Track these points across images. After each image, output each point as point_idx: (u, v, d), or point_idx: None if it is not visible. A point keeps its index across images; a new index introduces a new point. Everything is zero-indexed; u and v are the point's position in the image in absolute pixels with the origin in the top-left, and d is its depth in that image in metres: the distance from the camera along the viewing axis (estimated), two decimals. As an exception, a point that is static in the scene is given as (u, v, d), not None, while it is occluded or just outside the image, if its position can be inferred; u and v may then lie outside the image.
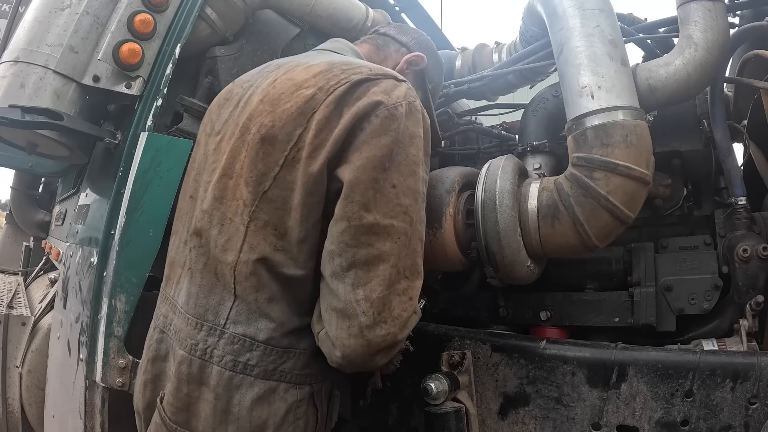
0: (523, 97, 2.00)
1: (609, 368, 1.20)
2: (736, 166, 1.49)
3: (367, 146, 1.04)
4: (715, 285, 1.41)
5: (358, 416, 1.54)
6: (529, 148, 1.57)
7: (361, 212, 1.02)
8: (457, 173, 1.47)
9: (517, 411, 1.29)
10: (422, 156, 1.11)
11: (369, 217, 1.02)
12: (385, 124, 1.05)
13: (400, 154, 1.06)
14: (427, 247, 1.42)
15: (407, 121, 1.07)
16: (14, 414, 2.19)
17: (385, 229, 1.03)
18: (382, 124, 1.05)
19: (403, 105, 1.08)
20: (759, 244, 1.35)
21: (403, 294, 1.04)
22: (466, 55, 2.21)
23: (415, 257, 1.08)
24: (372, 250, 1.02)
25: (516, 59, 1.82)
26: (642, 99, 1.34)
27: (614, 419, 1.19)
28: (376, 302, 1.01)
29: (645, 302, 1.43)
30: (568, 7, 1.39)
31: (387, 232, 1.03)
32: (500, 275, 1.39)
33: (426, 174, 1.13)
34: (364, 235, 1.02)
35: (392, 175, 1.05)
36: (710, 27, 1.33)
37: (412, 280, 1.07)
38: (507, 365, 1.32)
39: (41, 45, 1.43)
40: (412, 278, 1.07)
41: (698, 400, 1.12)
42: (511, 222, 1.32)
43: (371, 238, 1.02)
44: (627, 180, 1.24)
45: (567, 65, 1.36)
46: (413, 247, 1.07)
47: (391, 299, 1.02)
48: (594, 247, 1.31)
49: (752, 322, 1.32)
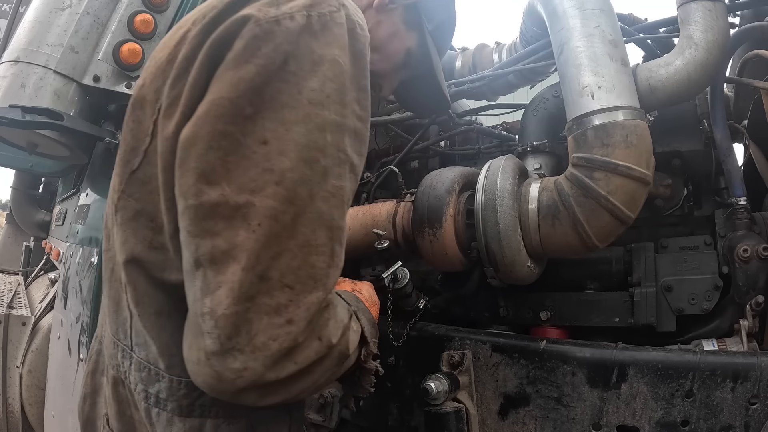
0: (523, 97, 2.00)
1: (609, 368, 1.20)
2: (736, 166, 1.49)
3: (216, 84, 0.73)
4: (716, 285, 1.41)
5: (358, 416, 1.54)
6: (529, 148, 1.57)
7: (199, 185, 0.71)
8: (458, 173, 1.47)
9: (517, 411, 1.29)
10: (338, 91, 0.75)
11: (212, 192, 0.70)
12: (251, 48, 0.72)
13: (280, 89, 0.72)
14: (427, 247, 1.43)
15: (306, 39, 0.74)
16: (14, 414, 2.19)
17: (237, 210, 0.70)
18: (246, 47, 0.72)
19: (297, 17, 0.74)
20: (759, 245, 1.35)
21: (276, 313, 0.69)
22: (467, 55, 2.21)
23: (306, 255, 0.72)
24: (218, 241, 0.70)
25: (516, 59, 1.82)
26: (642, 99, 1.34)
27: (614, 419, 1.19)
28: (222, 321, 0.68)
29: (645, 302, 1.43)
30: (569, 7, 1.39)
31: (242, 215, 0.69)
32: (500, 275, 1.39)
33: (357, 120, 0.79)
34: (206, 219, 0.71)
35: (260, 125, 0.71)
36: (710, 27, 1.33)
37: (297, 293, 0.71)
38: (507, 365, 1.32)
39: (42, 45, 1.43)
40: (300, 290, 0.71)
41: (698, 401, 1.12)
42: (512, 222, 1.32)
43: (217, 224, 0.70)
44: (627, 180, 1.24)
45: (567, 65, 1.36)
46: (301, 238, 0.71)
47: (251, 319, 0.68)
48: (594, 248, 1.31)
49: (752, 322, 1.32)
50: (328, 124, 0.74)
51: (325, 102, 0.74)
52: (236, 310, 0.68)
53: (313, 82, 0.74)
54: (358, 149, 0.80)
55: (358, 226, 1.55)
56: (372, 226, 1.52)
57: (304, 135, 0.72)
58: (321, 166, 0.74)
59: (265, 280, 0.69)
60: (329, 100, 0.75)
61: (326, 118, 0.74)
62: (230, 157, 0.71)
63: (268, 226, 0.70)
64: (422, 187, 1.47)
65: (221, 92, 0.72)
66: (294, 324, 0.71)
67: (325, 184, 0.74)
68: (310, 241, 0.73)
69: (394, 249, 1.51)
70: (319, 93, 0.74)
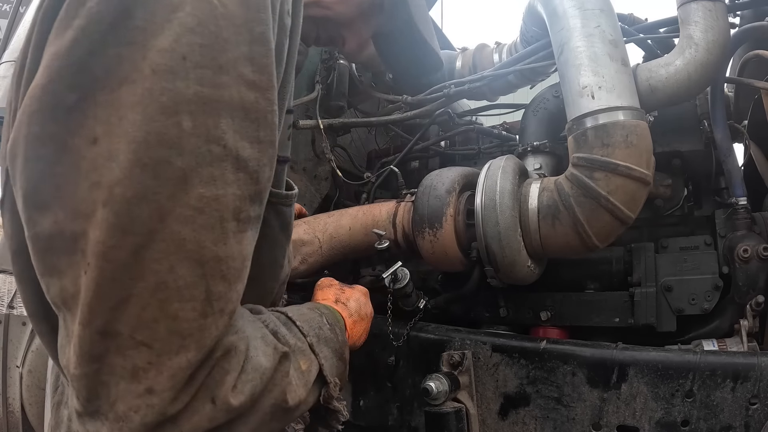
0: (523, 97, 2.00)
1: (609, 368, 1.20)
2: (736, 166, 1.49)
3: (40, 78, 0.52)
4: (716, 285, 1.41)
5: (358, 416, 1.54)
6: (529, 149, 1.57)
7: (31, 212, 0.53)
8: (458, 173, 1.47)
9: (518, 411, 1.29)
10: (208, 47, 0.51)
11: (43, 220, 0.52)
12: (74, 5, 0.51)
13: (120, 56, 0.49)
14: (427, 247, 1.43)
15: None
16: (14, 414, 2.19)
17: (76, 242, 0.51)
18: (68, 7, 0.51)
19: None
20: (759, 245, 1.35)
21: (134, 379, 0.53)
22: (467, 55, 2.20)
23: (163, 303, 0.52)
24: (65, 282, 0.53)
25: (516, 59, 1.81)
26: (642, 99, 1.34)
27: (614, 419, 1.18)
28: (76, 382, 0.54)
29: (645, 302, 1.43)
30: (569, 7, 1.39)
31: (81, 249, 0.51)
32: (500, 275, 1.38)
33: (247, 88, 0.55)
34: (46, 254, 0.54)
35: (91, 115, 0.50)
36: (711, 27, 1.33)
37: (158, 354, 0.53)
38: (507, 365, 1.32)
39: (42, 45, 1.43)
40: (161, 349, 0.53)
41: (698, 401, 1.11)
42: (512, 222, 1.32)
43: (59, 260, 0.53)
44: (627, 180, 1.24)
45: (567, 65, 1.36)
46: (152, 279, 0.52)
47: (107, 382, 0.53)
48: (594, 248, 1.31)
49: (752, 322, 1.32)
50: (185, 102, 0.50)
51: (179, 68, 0.50)
52: (85, 371, 0.53)
53: (162, 39, 0.49)
54: (250, 134, 0.55)
55: (358, 226, 1.55)
56: (372, 226, 1.52)
57: (140, 125, 0.49)
58: (174, 170, 0.50)
59: (110, 337, 0.52)
60: (186, 63, 0.50)
61: (180, 93, 0.50)
62: (57, 167, 0.50)
63: (98, 268, 0.50)
64: (422, 187, 1.47)
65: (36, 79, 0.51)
66: (155, 395, 0.54)
67: (184, 197, 0.51)
68: (166, 283, 0.52)
69: (394, 249, 1.51)
70: (170, 55, 0.49)
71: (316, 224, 1.59)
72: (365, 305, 1.04)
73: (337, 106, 2.06)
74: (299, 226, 1.57)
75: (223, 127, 0.53)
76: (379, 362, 1.48)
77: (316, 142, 2.08)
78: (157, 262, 0.51)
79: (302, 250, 1.53)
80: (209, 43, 0.51)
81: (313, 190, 2.10)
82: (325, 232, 1.56)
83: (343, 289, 1.03)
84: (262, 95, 0.56)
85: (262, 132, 0.56)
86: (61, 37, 0.50)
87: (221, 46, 0.52)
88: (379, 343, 1.49)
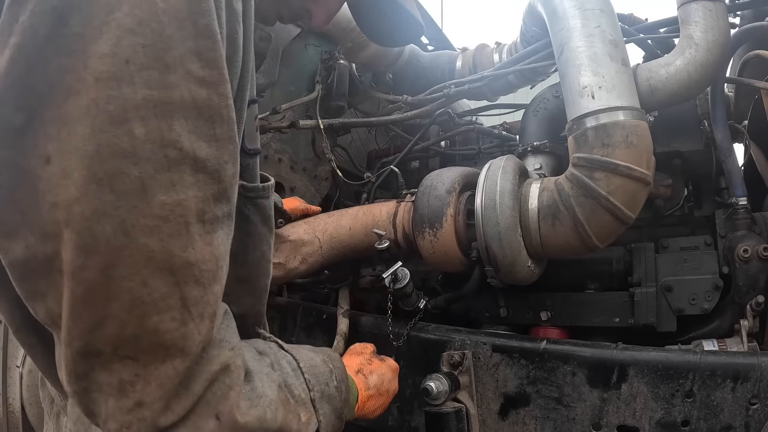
0: (523, 97, 2.00)
1: (609, 368, 1.20)
2: (736, 166, 1.49)
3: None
4: (716, 285, 1.41)
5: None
6: (529, 149, 1.57)
7: (1, 241, 0.52)
8: (458, 173, 1.47)
9: (518, 411, 1.29)
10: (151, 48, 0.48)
11: (15, 246, 0.51)
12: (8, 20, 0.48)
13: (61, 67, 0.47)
14: (427, 247, 1.43)
15: None
16: (14, 414, 2.19)
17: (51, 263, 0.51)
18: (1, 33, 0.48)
19: None
20: (759, 245, 1.35)
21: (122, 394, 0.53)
22: (467, 55, 2.21)
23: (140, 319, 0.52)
24: (49, 304, 0.53)
25: (516, 59, 1.81)
26: (643, 99, 1.34)
27: (615, 419, 1.18)
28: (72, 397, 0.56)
29: (645, 302, 1.43)
30: (569, 8, 1.39)
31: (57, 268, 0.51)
32: (501, 275, 1.38)
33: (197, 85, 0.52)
34: (24, 280, 0.54)
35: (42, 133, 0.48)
36: (711, 27, 1.33)
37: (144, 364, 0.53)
38: (507, 365, 1.32)
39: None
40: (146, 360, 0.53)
41: (699, 401, 1.11)
42: (512, 222, 1.32)
43: (38, 283, 0.53)
44: (628, 180, 1.24)
45: (567, 65, 1.36)
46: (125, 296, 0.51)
47: (96, 400, 0.54)
48: (595, 248, 1.31)
49: (753, 322, 1.32)
50: (134, 108, 0.47)
51: (123, 73, 0.47)
52: (75, 389, 0.54)
53: (101, 44, 0.46)
54: (206, 132, 0.53)
55: (358, 226, 1.55)
56: (372, 226, 1.53)
57: (90, 138, 0.46)
58: (131, 180, 0.48)
59: (93, 356, 0.52)
60: (130, 67, 0.47)
61: (128, 99, 0.47)
62: (18, 193, 0.49)
63: (70, 291, 0.50)
64: (422, 187, 1.47)
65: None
66: (146, 407, 0.53)
67: (145, 207, 0.49)
68: (141, 299, 0.51)
69: (394, 249, 1.51)
70: (111, 60, 0.46)
71: (316, 224, 1.59)
72: (390, 381, 1.03)
73: (337, 106, 2.06)
74: (299, 226, 1.57)
75: (177, 129, 0.50)
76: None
77: (316, 142, 2.09)
78: (128, 279, 0.50)
79: (302, 250, 1.53)
80: (152, 42, 0.48)
81: (313, 190, 2.10)
82: (325, 232, 1.56)
83: (371, 360, 1.02)
84: (214, 91, 0.53)
85: (218, 129, 0.54)
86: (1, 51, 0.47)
87: (165, 43, 0.48)
88: (380, 343, 1.49)
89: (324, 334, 1.60)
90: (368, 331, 1.54)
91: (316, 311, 1.70)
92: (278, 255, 1.51)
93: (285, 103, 1.90)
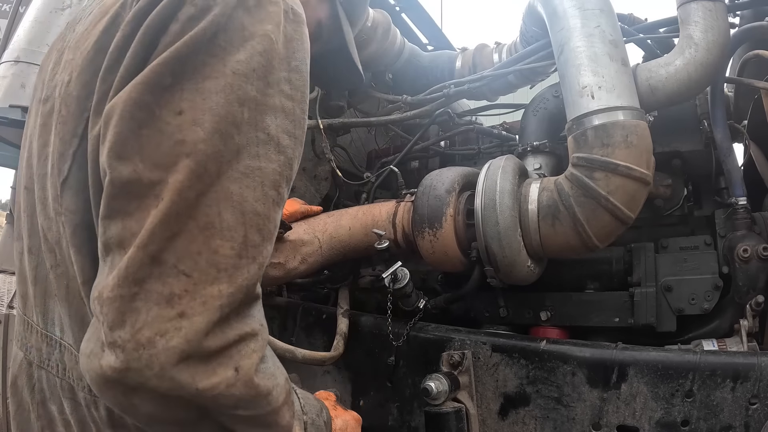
0: (523, 97, 2.00)
1: (609, 368, 1.20)
2: (736, 166, 1.49)
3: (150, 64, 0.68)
4: (716, 285, 1.41)
5: (359, 416, 1.54)
6: (529, 149, 1.57)
7: (111, 160, 0.65)
8: (458, 173, 1.47)
9: (518, 411, 1.29)
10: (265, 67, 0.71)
11: (123, 168, 0.64)
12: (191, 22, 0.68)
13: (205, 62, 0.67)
14: (427, 247, 1.43)
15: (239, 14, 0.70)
16: (14, 414, 2.19)
17: (151, 189, 0.64)
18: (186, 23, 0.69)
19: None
20: (759, 245, 1.35)
21: (168, 304, 0.61)
22: (467, 55, 2.20)
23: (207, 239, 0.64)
24: (129, 223, 0.64)
25: (516, 59, 1.81)
26: (642, 99, 1.34)
27: (614, 419, 1.18)
28: (107, 306, 0.62)
29: (645, 302, 1.43)
30: (569, 7, 1.39)
31: (155, 194, 0.64)
32: (500, 275, 1.38)
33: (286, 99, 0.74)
34: (116, 198, 0.65)
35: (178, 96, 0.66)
36: (711, 27, 1.33)
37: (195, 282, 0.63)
38: (507, 365, 1.32)
39: (41, 45, 1.44)
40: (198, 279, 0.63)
41: (698, 401, 1.11)
42: (512, 222, 1.32)
43: (129, 204, 0.64)
44: (627, 180, 1.24)
45: (567, 65, 1.36)
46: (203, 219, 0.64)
47: (139, 308, 0.61)
48: (594, 248, 1.31)
49: (752, 322, 1.32)
50: (249, 99, 0.69)
51: (250, 75, 0.69)
52: (121, 293, 0.61)
53: (240, 54, 0.69)
54: (288, 129, 0.74)
55: (358, 226, 1.55)
56: (372, 226, 1.52)
57: (223, 105, 0.67)
58: (234, 142, 0.67)
59: (158, 264, 0.62)
60: (254, 74, 0.70)
61: (248, 92, 0.69)
62: (144, 129, 0.65)
63: (170, 202, 0.63)
64: (422, 187, 1.47)
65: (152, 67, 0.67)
66: (186, 318, 0.61)
67: (236, 164, 0.67)
68: (213, 223, 0.65)
69: (394, 249, 1.51)
70: (246, 65, 0.69)
71: (315, 224, 1.59)
72: (353, 429, 1.07)
73: (337, 106, 2.06)
74: (299, 226, 1.57)
75: (268, 121, 0.71)
76: (379, 362, 1.48)
77: (316, 142, 2.08)
78: (208, 206, 0.65)
79: (302, 250, 1.53)
80: (266, 64, 0.71)
81: (313, 190, 2.10)
82: (325, 232, 1.56)
83: (335, 407, 1.08)
84: (296, 105, 0.76)
85: (297, 130, 0.75)
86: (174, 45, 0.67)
87: (272, 68, 0.72)
88: (379, 343, 1.49)
89: (324, 334, 1.60)
90: (368, 331, 1.54)
91: (315, 311, 1.70)
92: (278, 255, 1.51)
93: (285, 103, 1.89)
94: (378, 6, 2.17)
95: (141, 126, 0.65)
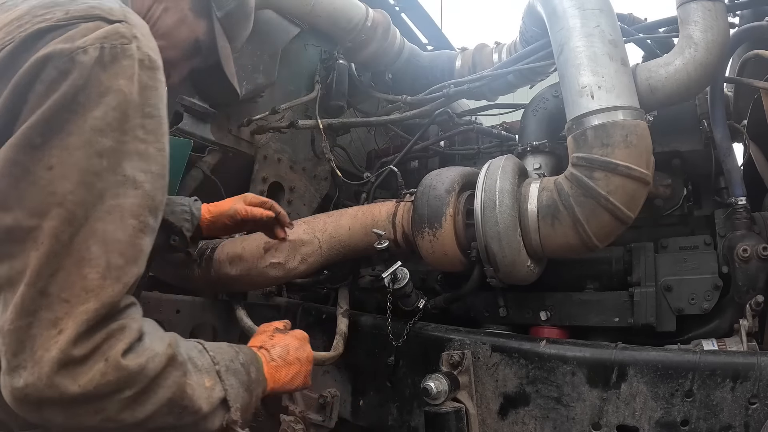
0: (523, 97, 2.00)
1: (609, 368, 1.20)
2: (736, 166, 1.50)
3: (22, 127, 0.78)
4: (715, 285, 1.41)
5: (358, 416, 1.54)
6: (529, 148, 1.57)
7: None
8: (457, 173, 1.47)
9: (517, 411, 1.29)
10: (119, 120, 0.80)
11: (6, 217, 0.76)
12: (54, 84, 0.78)
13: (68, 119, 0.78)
14: (427, 247, 1.43)
15: (96, 71, 0.79)
16: (14, 414, 2.20)
17: (29, 233, 0.76)
18: (50, 85, 0.78)
19: (91, 50, 0.80)
20: (759, 244, 1.35)
21: (53, 326, 0.75)
22: (466, 55, 2.21)
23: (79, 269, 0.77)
24: (15, 263, 0.76)
25: (516, 59, 1.82)
26: (642, 99, 1.34)
27: (614, 419, 1.18)
28: (8, 337, 0.74)
29: (645, 302, 1.43)
30: (568, 7, 1.39)
31: (32, 237, 0.76)
32: (500, 275, 1.38)
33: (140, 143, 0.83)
34: (3, 244, 0.77)
35: (48, 153, 0.76)
36: (710, 27, 1.33)
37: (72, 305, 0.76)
38: (507, 365, 1.32)
39: None
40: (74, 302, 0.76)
41: (698, 400, 1.11)
42: (511, 222, 1.32)
43: (13, 247, 0.76)
44: (627, 180, 1.24)
45: (567, 65, 1.36)
46: (76, 255, 0.77)
47: (35, 335, 0.74)
48: (594, 247, 1.31)
49: (752, 322, 1.31)
50: (106, 150, 0.80)
51: (105, 129, 0.80)
52: (19, 324, 0.74)
53: (97, 111, 0.79)
54: (143, 168, 0.84)
55: (357, 226, 1.55)
56: (372, 226, 1.52)
57: (84, 159, 0.78)
58: (97, 188, 0.79)
59: (45, 296, 0.75)
60: (109, 127, 0.80)
61: (104, 145, 0.80)
62: (21, 183, 0.77)
63: (49, 245, 0.76)
64: (422, 187, 1.47)
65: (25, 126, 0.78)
66: (63, 333, 0.75)
67: (101, 205, 0.79)
68: (84, 257, 0.78)
69: (393, 249, 1.51)
70: (101, 120, 0.80)
71: (315, 224, 1.59)
72: (297, 350, 1.16)
73: (337, 106, 2.06)
74: (299, 226, 1.57)
75: (124, 165, 0.82)
76: (379, 362, 1.48)
77: (315, 141, 2.08)
78: (80, 244, 0.78)
79: (302, 250, 1.53)
80: (120, 117, 0.81)
81: (313, 190, 2.10)
82: (325, 232, 1.56)
83: (273, 335, 1.17)
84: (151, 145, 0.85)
85: (153, 166, 0.85)
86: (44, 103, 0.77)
87: (127, 118, 0.82)
88: (379, 343, 1.49)
89: (324, 334, 1.60)
90: (368, 331, 1.54)
91: (315, 311, 1.70)
92: (278, 255, 1.51)
93: (284, 102, 1.90)
94: (378, 6, 2.18)
95: (18, 180, 0.77)
